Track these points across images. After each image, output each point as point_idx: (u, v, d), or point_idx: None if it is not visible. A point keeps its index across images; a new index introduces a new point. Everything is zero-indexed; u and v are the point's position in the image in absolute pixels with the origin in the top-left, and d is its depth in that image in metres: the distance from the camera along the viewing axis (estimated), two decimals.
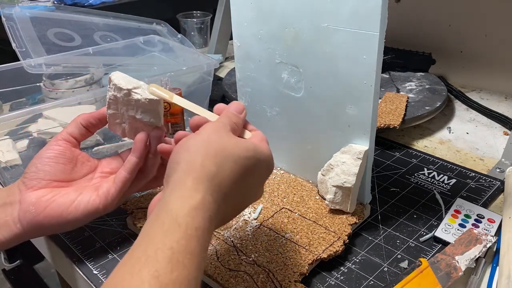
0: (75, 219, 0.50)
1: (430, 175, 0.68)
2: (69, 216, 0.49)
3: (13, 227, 0.49)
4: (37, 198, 0.49)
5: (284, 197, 0.60)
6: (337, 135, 0.56)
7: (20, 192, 0.50)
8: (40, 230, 0.50)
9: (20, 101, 0.86)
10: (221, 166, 0.40)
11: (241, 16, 0.61)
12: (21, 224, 0.49)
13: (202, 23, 1.27)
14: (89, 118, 0.54)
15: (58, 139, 0.53)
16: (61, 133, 0.53)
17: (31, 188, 0.50)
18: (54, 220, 0.49)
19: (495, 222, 0.56)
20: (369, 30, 0.48)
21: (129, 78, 0.52)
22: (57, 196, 0.50)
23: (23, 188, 0.50)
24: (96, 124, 0.54)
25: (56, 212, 0.49)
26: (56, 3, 1.34)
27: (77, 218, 0.50)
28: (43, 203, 0.49)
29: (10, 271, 1.49)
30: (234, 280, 0.48)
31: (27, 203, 0.49)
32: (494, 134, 0.81)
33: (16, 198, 0.50)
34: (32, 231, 0.50)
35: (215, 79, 0.95)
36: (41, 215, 0.49)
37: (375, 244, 0.55)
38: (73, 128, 0.53)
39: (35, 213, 0.49)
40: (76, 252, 0.55)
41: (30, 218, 0.49)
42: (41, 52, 0.79)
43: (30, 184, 0.50)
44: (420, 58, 0.99)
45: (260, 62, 0.61)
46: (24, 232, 0.50)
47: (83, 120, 0.54)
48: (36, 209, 0.49)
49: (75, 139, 0.53)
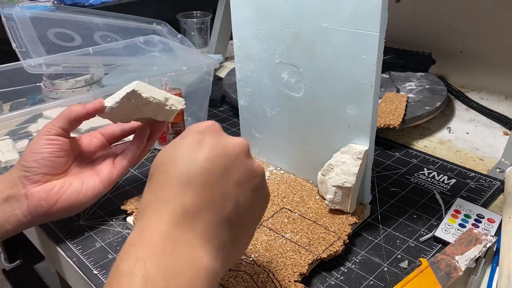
0: (83, 204, 0.54)
1: (430, 175, 0.68)
2: (79, 204, 0.54)
3: (22, 218, 0.52)
4: (46, 193, 0.52)
5: (284, 197, 0.60)
6: (337, 135, 0.56)
7: (25, 186, 0.52)
8: (49, 218, 0.55)
9: (20, 101, 0.86)
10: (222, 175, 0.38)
11: (241, 16, 0.61)
12: (32, 216, 0.52)
13: (202, 23, 1.27)
14: (84, 113, 0.54)
15: (52, 134, 0.53)
16: (53, 127, 0.54)
17: (37, 183, 0.52)
18: (65, 210, 0.53)
19: (495, 222, 0.56)
20: (369, 30, 0.48)
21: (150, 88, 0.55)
22: (65, 188, 0.53)
23: (27, 182, 0.52)
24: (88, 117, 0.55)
25: (68, 203, 0.53)
26: (56, 3, 1.34)
27: (85, 203, 0.54)
28: (53, 197, 0.52)
29: (10, 271, 1.49)
30: (234, 280, 0.48)
31: (37, 198, 0.52)
32: (494, 134, 0.81)
33: (20, 191, 0.52)
34: (41, 220, 0.54)
35: (215, 79, 0.95)
36: (54, 208, 0.52)
37: (375, 244, 0.55)
38: (65, 124, 0.54)
39: (47, 207, 0.52)
40: (76, 252, 0.55)
41: (43, 212, 0.52)
42: (41, 52, 0.79)
43: (34, 178, 0.52)
44: (420, 58, 0.99)
45: (260, 62, 0.62)
46: (33, 222, 0.53)
47: (77, 116, 0.54)
48: (48, 203, 0.52)
49: (66, 131, 0.55)
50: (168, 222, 0.34)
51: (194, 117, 0.85)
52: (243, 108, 0.68)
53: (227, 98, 0.92)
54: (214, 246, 0.35)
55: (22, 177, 0.52)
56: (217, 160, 0.37)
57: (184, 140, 0.39)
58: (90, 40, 0.89)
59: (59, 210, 0.53)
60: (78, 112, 0.54)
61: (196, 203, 0.35)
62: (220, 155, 0.37)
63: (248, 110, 0.68)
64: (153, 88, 0.56)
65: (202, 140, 0.38)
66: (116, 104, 0.54)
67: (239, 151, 0.39)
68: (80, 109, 0.54)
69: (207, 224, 0.35)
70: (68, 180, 0.54)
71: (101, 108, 0.54)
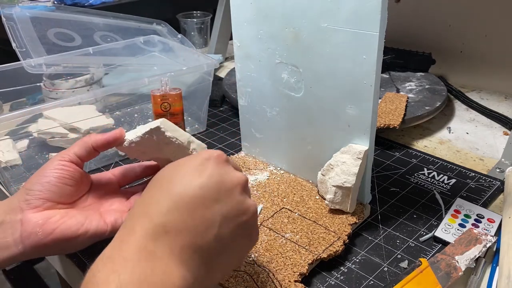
0: (81, 243, 0.49)
1: (430, 175, 0.68)
2: (77, 240, 0.48)
3: (13, 248, 0.46)
4: (44, 220, 0.47)
5: (284, 197, 0.60)
6: (337, 135, 0.56)
7: (22, 211, 0.47)
8: (43, 252, 0.48)
9: (20, 101, 0.86)
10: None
11: (241, 16, 0.61)
12: (23, 245, 0.46)
13: (202, 23, 1.27)
14: (102, 142, 0.51)
15: (65, 159, 0.50)
16: (69, 153, 0.51)
17: (36, 209, 0.48)
18: (61, 243, 0.47)
19: (495, 222, 0.56)
20: (369, 30, 0.48)
21: (174, 128, 0.53)
22: (66, 218, 0.48)
23: (26, 207, 0.47)
24: (107, 147, 0.52)
25: (65, 235, 0.47)
26: (56, 3, 1.34)
27: (84, 242, 0.49)
28: (51, 225, 0.47)
29: (10, 271, 1.49)
30: (234, 280, 0.48)
31: (33, 225, 0.46)
32: (494, 134, 0.81)
33: (16, 217, 0.47)
34: (34, 253, 0.47)
35: (215, 79, 0.95)
36: (48, 238, 0.47)
37: (375, 244, 0.55)
38: (82, 151, 0.51)
39: (42, 236, 0.46)
40: (76, 252, 0.55)
41: (36, 241, 0.46)
42: (41, 52, 0.79)
43: (35, 203, 0.48)
44: (420, 58, 0.99)
45: (260, 62, 0.62)
46: (25, 254, 0.47)
47: (95, 144, 0.51)
48: (44, 231, 0.46)
49: (81, 160, 0.51)
50: (148, 237, 0.36)
51: (194, 117, 0.85)
52: (243, 108, 0.68)
53: (227, 98, 0.92)
54: (188, 268, 0.36)
55: (22, 200, 0.48)
56: (211, 189, 0.38)
57: (189, 162, 0.40)
58: (90, 40, 0.89)
59: (54, 241, 0.47)
60: (96, 141, 0.51)
61: (179, 225, 0.37)
62: (214, 185, 0.39)
63: (248, 110, 0.68)
64: (177, 129, 0.53)
65: (203, 167, 0.39)
66: (137, 139, 0.52)
67: (235, 185, 0.40)
68: (99, 138, 0.51)
69: (185, 246, 0.37)
70: (71, 212, 0.49)
71: (121, 138, 0.52)
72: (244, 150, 0.73)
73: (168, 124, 0.52)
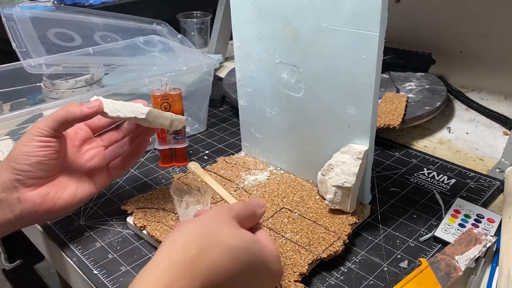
0: (78, 206, 0.55)
1: (430, 175, 0.68)
2: (74, 207, 0.54)
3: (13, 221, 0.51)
4: (41, 198, 0.51)
5: (284, 197, 0.60)
6: (337, 135, 0.56)
7: (17, 189, 0.50)
8: (43, 221, 0.58)
9: (20, 101, 0.86)
10: (205, 250, 0.37)
11: (241, 16, 0.61)
12: (24, 219, 0.51)
13: (202, 23, 1.27)
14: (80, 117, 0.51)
15: (44, 135, 0.50)
16: (46, 128, 0.50)
17: (31, 187, 0.51)
18: (59, 214, 0.54)
19: (495, 222, 0.56)
20: (369, 30, 0.48)
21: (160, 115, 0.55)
22: (60, 192, 0.53)
23: (21, 186, 0.50)
24: (85, 119, 0.52)
25: (63, 207, 0.53)
26: (56, 3, 1.34)
27: (79, 205, 0.55)
28: (49, 202, 0.51)
29: (10, 271, 1.49)
30: None
31: (32, 204, 0.50)
32: (494, 134, 0.81)
33: (12, 195, 0.50)
34: (33, 223, 0.55)
35: (215, 79, 0.95)
36: (49, 213, 0.52)
37: (375, 244, 0.55)
38: (59, 125, 0.50)
39: (43, 213, 0.51)
40: (76, 252, 0.55)
41: (38, 218, 0.52)
42: (41, 52, 0.79)
43: (29, 182, 0.50)
44: (420, 58, 0.99)
45: (260, 62, 0.62)
46: (24, 224, 0.53)
47: (72, 118, 0.51)
48: (44, 209, 0.51)
49: (58, 133, 0.51)
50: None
51: (194, 117, 0.85)
52: (243, 108, 0.68)
53: (227, 98, 0.92)
54: None
55: (14, 180, 0.49)
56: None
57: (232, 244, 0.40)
58: (90, 40, 0.89)
59: (53, 213, 0.53)
60: (74, 115, 0.50)
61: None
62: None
63: (248, 110, 0.68)
64: (162, 113, 0.55)
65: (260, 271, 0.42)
66: (117, 117, 0.52)
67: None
68: (78, 112, 0.50)
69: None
70: (62, 183, 0.53)
71: (99, 112, 0.52)
72: (244, 150, 0.73)
73: (154, 113, 0.54)
